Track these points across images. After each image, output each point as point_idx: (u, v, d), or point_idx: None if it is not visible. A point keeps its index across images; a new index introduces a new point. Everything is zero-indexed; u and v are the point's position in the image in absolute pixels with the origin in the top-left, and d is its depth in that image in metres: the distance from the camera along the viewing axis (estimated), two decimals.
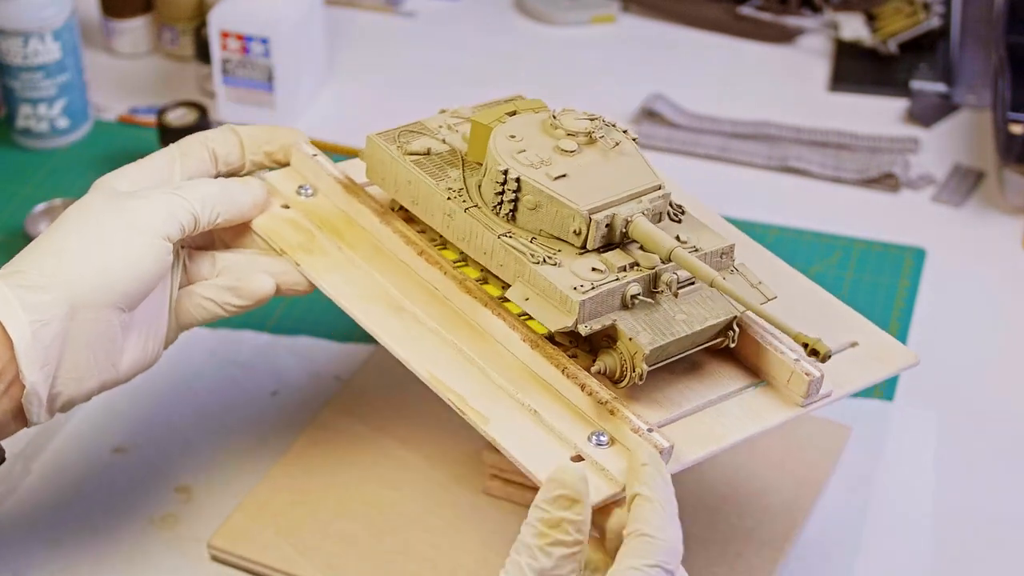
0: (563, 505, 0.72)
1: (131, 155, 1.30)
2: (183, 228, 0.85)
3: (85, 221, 0.84)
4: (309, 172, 0.92)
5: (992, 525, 0.96)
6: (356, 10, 1.51)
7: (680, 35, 1.47)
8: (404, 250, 0.87)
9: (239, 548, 0.92)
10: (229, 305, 0.88)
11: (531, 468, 0.76)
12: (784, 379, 0.80)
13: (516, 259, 0.80)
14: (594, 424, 0.78)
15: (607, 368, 0.78)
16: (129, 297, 0.83)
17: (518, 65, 1.43)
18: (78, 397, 0.84)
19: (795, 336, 0.74)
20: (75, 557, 0.93)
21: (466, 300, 0.84)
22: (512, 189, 0.81)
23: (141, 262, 0.83)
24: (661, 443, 0.75)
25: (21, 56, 1.26)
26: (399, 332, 0.84)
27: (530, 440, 0.78)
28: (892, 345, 0.86)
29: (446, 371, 0.82)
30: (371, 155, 0.88)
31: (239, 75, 1.31)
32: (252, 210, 0.90)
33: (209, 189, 0.87)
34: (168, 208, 0.85)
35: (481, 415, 0.79)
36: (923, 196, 1.25)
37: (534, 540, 0.72)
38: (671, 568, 0.72)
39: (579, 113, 0.84)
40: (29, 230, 1.19)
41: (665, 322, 0.78)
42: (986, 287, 1.16)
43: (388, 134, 0.89)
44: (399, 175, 0.87)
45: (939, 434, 1.02)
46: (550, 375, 0.80)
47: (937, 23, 1.40)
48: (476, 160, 0.86)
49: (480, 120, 0.85)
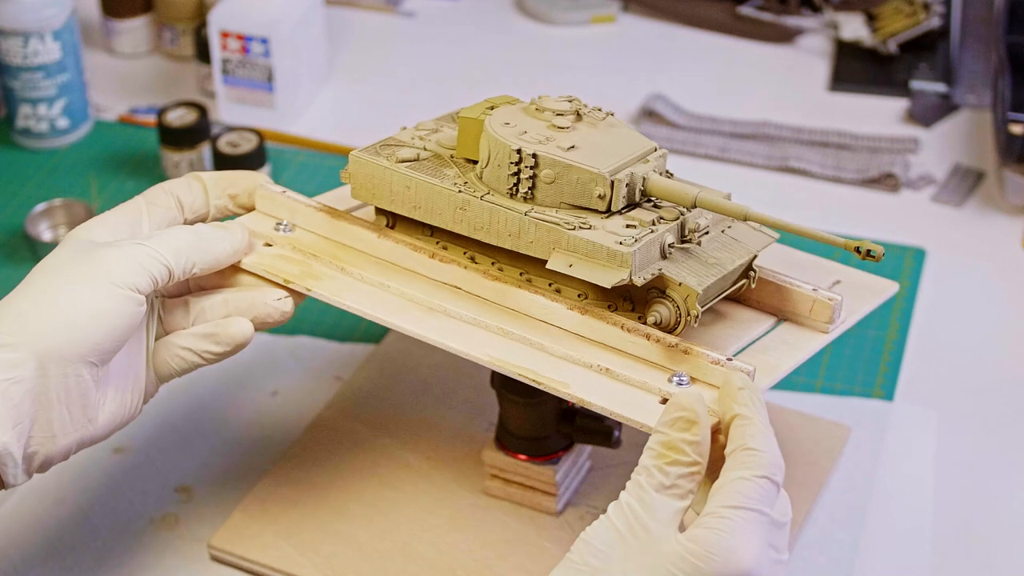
0: (682, 427, 0.74)
1: (131, 155, 1.31)
2: (154, 280, 0.83)
3: (53, 275, 0.82)
4: (283, 209, 0.91)
5: (992, 525, 0.96)
6: (356, 10, 1.51)
7: (680, 35, 1.48)
8: (412, 257, 0.87)
9: (239, 548, 0.92)
10: (208, 353, 0.86)
11: (628, 415, 0.78)
12: (806, 310, 0.85)
13: (549, 231, 0.81)
14: (668, 368, 0.80)
15: (661, 318, 0.81)
16: (100, 351, 0.80)
17: (518, 65, 1.43)
18: (56, 456, 0.81)
19: (844, 244, 0.78)
20: (75, 557, 0.93)
21: (496, 287, 0.85)
22: (529, 166, 0.82)
23: (110, 316, 0.80)
24: (747, 367, 0.78)
25: (21, 56, 1.26)
26: (443, 329, 0.84)
27: (615, 393, 0.79)
28: (871, 279, 0.91)
29: (506, 353, 0.82)
30: (358, 172, 0.88)
31: (239, 75, 1.31)
32: (230, 257, 0.88)
33: (182, 239, 0.85)
34: (137, 260, 0.82)
35: (559, 381, 0.80)
36: (923, 196, 1.25)
37: (653, 461, 0.74)
38: (778, 480, 0.74)
39: (555, 97, 0.86)
40: (29, 230, 1.19)
41: (702, 266, 0.82)
42: (986, 287, 1.16)
43: (368, 150, 0.89)
44: (394, 184, 0.87)
45: (939, 434, 1.02)
46: (610, 334, 0.81)
47: (937, 23, 1.40)
48: (466, 156, 0.87)
49: (468, 115, 0.86)
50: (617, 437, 0.92)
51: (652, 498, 0.73)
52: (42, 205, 1.21)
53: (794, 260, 0.92)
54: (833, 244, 0.79)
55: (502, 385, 0.92)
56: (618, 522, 0.73)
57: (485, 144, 0.85)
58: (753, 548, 0.71)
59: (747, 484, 0.73)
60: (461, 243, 0.87)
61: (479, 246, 0.86)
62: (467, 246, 0.87)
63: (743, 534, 0.71)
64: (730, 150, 1.30)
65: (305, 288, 0.87)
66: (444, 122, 0.93)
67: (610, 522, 0.73)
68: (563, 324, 0.83)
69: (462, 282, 0.86)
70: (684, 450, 0.74)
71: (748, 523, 0.72)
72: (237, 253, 0.88)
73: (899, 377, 1.07)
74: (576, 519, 0.94)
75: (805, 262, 0.92)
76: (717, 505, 0.72)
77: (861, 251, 0.77)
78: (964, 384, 1.07)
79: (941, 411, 1.04)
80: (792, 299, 0.86)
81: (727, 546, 0.71)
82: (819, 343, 0.85)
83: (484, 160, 0.85)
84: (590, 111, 0.86)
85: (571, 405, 0.93)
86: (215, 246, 0.86)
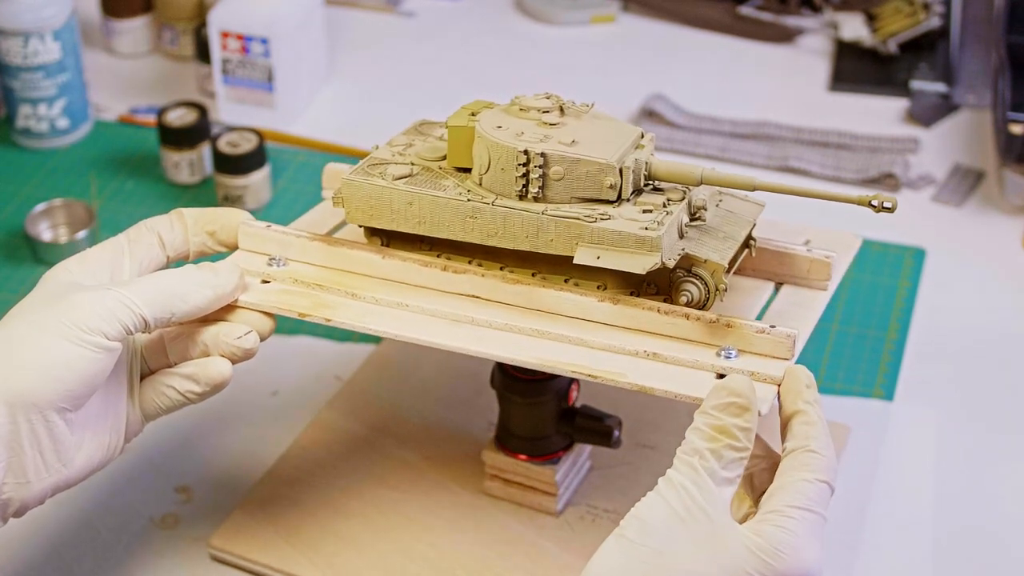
0: (734, 412, 0.75)
1: (131, 155, 1.31)
2: (126, 328, 0.80)
3: (23, 321, 0.80)
4: (271, 244, 0.89)
5: (992, 525, 0.96)
6: (356, 10, 1.51)
7: (680, 35, 1.48)
8: (424, 273, 0.86)
9: (239, 548, 0.92)
10: (191, 393, 0.85)
11: (694, 394, 0.78)
12: (805, 271, 0.88)
13: (569, 226, 0.82)
14: (713, 344, 0.81)
15: (692, 296, 0.82)
16: (71, 398, 0.79)
17: (518, 65, 1.43)
18: (30, 501, 0.80)
19: (858, 199, 0.79)
20: (75, 557, 0.93)
21: (519, 290, 0.84)
22: (538, 165, 0.82)
23: (80, 363, 0.78)
24: (791, 332, 0.80)
25: (21, 56, 1.26)
26: (479, 339, 0.83)
27: (671, 375, 0.80)
28: (836, 235, 0.94)
29: (550, 353, 0.82)
30: (352, 195, 0.87)
31: (239, 75, 1.31)
32: (212, 303, 0.84)
33: (160, 286, 0.83)
34: (109, 307, 0.80)
35: (616, 372, 0.80)
36: (923, 196, 1.25)
37: (705, 444, 0.74)
38: (834, 486, 0.75)
39: (532, 96, 0.87)
40: (29, 230, 1.18)
41: (718, 240, 0.83)
42: (986, 287, 1.16)
43: (358, 172, 0.87)
44: (394, 202, 0.86)
45: (939, 434, 1.02)
46: (647, 319, 0.82)
47: (937, 23, 1.40)
48: (458, 165, 0.86)
49: (457, 124, 0.86)
50: (617, 437, 0.92)
51: (708, 483, 0.74)
52: (42, 205, 1.21)
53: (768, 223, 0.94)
54: (847, 201, 0.80)
55: (502, 385, 0.92)
56: (675, 503, 0.73)
57: (483, 150, 0.84)
58: (816, 549, 0.73)
59: (811, 487, 0.74)
60: (465, 253, 0.86)
61: (484, 254, 0.86)
62: (471, 255, 0.86)
63: (808, 535, 0.73)
64: (730, 150, 1.30)
65: (324, 319, 0.85)
66: (412, 135, 0.92)
67: (665, 502, 0.73)
68: (596, 317, 0.83)
69: (481, 291, 0.85)
70: (737, 436, 0.74)
71: (812, 524, 0.73)
72: (220, 299, 0.85)
73: (899, 377, 1.07)
74: (576, 519, 0.94)
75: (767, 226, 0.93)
76: (783, 504, 0.73)
77: (877, 204, 0.78)
78: (964, 384, 1.07)
79: (941, 411, 1.04)
80: (789, 262, 0.88)
81: (795, 545, 0.72)
82: (823, 300, 0.87)
83: (483, 166, 0.84)
84: (571, 105, 0.86)
85: (571, 405, 0.93)
86: (194, 294, 0.84)
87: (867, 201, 0.79)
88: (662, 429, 1.00)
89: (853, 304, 1.14)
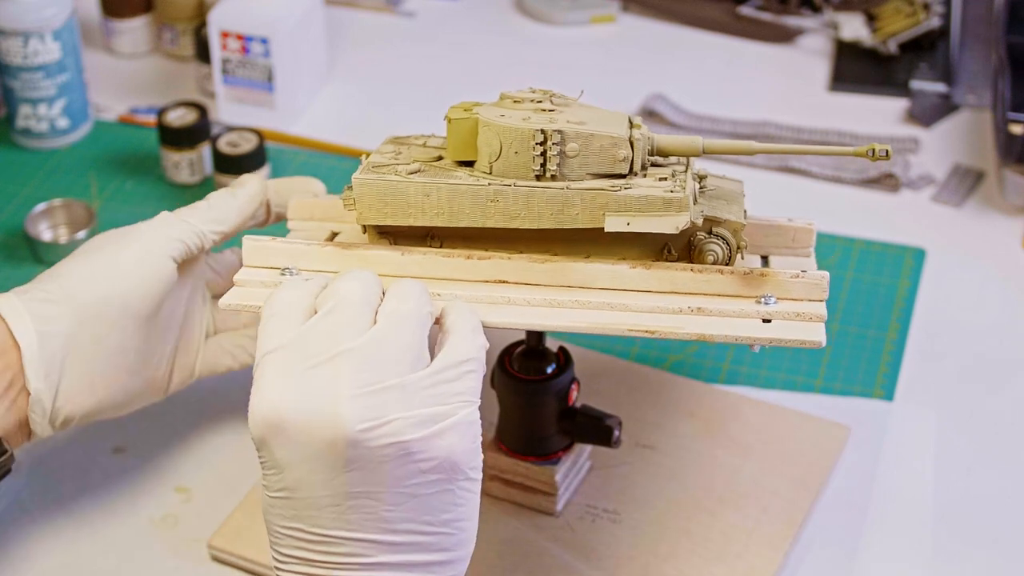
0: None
1: (131, 155, 1.31)
2: (185, 245, 0.90)
3: (92, 245, 0.90)
4: (281, 257, 0.87)
5: (992, 525, 0.96)
6: (356, 10, 1.51)
7: (680, 35, 1.48)
8: (447, 264, 0.85)
9: (239, 548, 0.92)
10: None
11: (749, 334, 0.80)
12: (790, 240, 0.91)
13: (594, 197, 0.83)
14: (750, 295, 0.83)
15: (718, 255, 0.84)
16: (133, 311, 0.87)
17: (518, 65, 1.43)
18: (78, 412, 0.86)
19: (855, 152, 0.83)
20: (75, 557, 0.93)
21: (550, 268, 0.84)
22: (555, 143, 0.83)
23: (142, 275, 0.88)
24: (824, 273, 0.83)
25: (21, 56, 1.26)
26: (524, 314, 0.83)
27: (723, 324, 0.81)
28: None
29: (595, 321, 0.82)
30: (366, 194, 0.85)
31: (239, 75, 1.31)
32: (246, 206, 0.94)
33: (200, 206, 0.93)
34: (166, 226, 0.91)
35: (672, 326, 0.81)
36: (923, 196, 1.25)
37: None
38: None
39: (516, 92, 0.88)
40: (29, 230, 1.19)
41: (727, 203, 0.87)
42: (986, 287, 1.16)
43: (367, 172, 0.86)
44: (410, 196, 0.85)
45: (939, 434, 1.02)
46: (682, 279, 0.83)
47: (937, 23, 1.40)
48: (460, 159, 0.86)
49: (459, 116, 0.86)
50: (617, 437, 0.92)
51: None
52: (42, 205, 1.21)
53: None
54: (846, 154, 0.84)
55: (502, 385, 0.92)
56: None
57: (492, 137, 0.84)
58: None
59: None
60: (478, 245, 0.86)
61: (495, 240, 0.85)
62: (482, 244, 0.86)
63: None
64: None
65: None
66: (395, 145, 0.91)
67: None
68: (631, 285, 0.84)
69: (509, 274, 0.85)
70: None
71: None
72: (253, 199, 0.94)
73: (899, 377, 1.07)
74: (576, 519, 0.94)
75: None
76: None
77: (876, 153, 0.82)
78: (964, 384, 1.07)
79: (941, 411, 1.04)
80: (774, 233, 0.91)
81: None
82: (813, 265, 0.90)
83: (493, 154, 0.84)
84: (559, 96, 0.88)
85: (571, 405, 0.93)
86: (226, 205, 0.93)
87: (864, 152, 0.82)
88: (662, 429, 1.00)
89: (853, 304, 1.14)
